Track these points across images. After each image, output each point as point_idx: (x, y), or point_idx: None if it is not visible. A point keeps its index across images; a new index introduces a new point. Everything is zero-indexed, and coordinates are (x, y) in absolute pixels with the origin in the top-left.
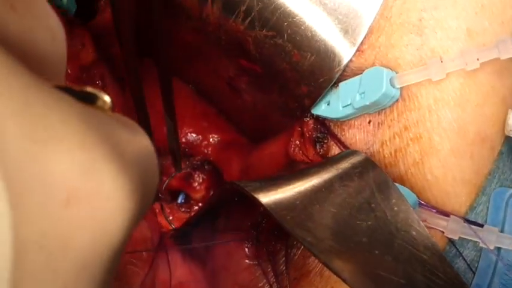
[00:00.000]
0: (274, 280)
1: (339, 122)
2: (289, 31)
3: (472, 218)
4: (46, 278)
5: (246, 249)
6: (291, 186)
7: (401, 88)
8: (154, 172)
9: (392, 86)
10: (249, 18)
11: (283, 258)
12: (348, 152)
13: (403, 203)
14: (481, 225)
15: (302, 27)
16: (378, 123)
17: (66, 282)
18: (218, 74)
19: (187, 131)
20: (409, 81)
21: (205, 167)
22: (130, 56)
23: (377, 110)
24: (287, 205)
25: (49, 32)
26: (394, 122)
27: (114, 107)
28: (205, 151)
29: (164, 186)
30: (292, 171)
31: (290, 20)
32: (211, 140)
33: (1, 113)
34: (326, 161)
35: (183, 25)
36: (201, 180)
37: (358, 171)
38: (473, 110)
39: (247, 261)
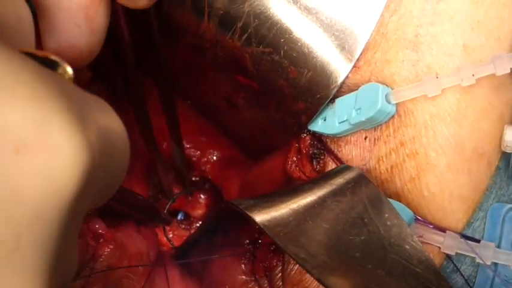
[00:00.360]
0: None
1: (336, 138)
2: (285, 47)
3: (469, 233)
4: None
5: (243, 265)
6: (284, 203)
7: (397, 104)
8: (123, 148)
9: (388, 102)
10: (246, 35)
11: (280, 274)
12: (341, 167)
13: (396, 217)
14: (478, 241)
15: (299, 44)
16: (374, 139)
17: (19, 231)
18: (215, 90)
19: (186, 147)
20: (405, 97)
21: (205, 185)
22: (131, 70)
23: (373, 126)
24: (280, 222)
25: (14, 14)
26: (390, 138)
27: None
28: (204, 168)
29: (166, 208)
30: (287, 188)
31: (287, 36)
32: (210, 156)
33: None
34: (319, 177)
35: (179, 41)
36: (201, 199)
37: (350, 186)
38: (470, 125)
39: (243, 277)
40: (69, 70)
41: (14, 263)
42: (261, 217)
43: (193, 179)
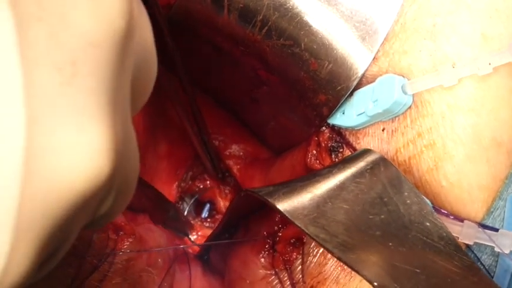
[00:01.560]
0: None
1: (354, 130)
2: (306, 40)
3: (489, 223)
4: (52, 48)
5: (262, 259)
6: (303, 187)
7: (414, 95)
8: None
9: (405, 93)
10: (266, 28)
11: (300, 267)
12: (360, 151)
13: (415, 195)
14: (497, 230)
15: (319, 36)
16: (392, 131)
17: (74, 55)
18: (237, 85)
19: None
20: (421, 87)
21: (230, 182)
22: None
23: (390, 117)
24: (300, 205)
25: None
26: (407, 129)
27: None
28: (228, 163)
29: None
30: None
31: (307, 28)
32: (233, 151)
33: None
34: (339, 162)
35: (199, 36)
36: (227, 191)
37: (369, 167)
38: (488, 114)
39: (263, 270)
40: None
41: (73, 88)
42: (280, 201)
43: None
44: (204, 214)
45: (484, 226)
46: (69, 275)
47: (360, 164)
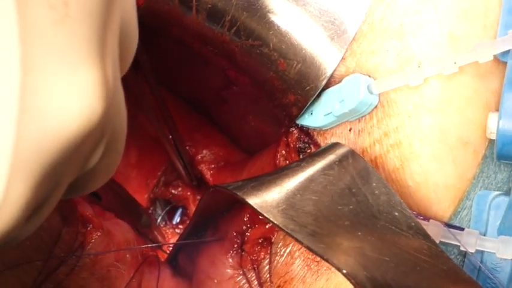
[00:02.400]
0: None
1: (322, 130)
2: (274, 40)
3: (456, 222)
4: None
5: (230, 259)
6: (271, 181)
7: (380, 95)
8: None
9: (370, 92)
10: (234, 28)
11: (267, 267)
12: (328, 145)
13: (384, 186)
14: (462, 229)
15: (287, 36)
16: (359, 131)
17: None
18: (207, 85)
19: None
20: (387, 87)
21: (203, 187)
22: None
23: (357, 117)
24: (268, 197)
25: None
26: (374, 129)
27: None
28: (200, 168)
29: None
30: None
31: (275, 28)
32: (204, 156)
33: None
34: (307, 155)
35: (168, 37)
36: (198, 197)
37: (338, 160)
38: (455, 114)
39: (231, 270)
40: None
41: (65, 27)
42: (249, 195)
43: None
44: (176, 220)
45: (450, 226)
46: (36, 268)
47: (329, 157)
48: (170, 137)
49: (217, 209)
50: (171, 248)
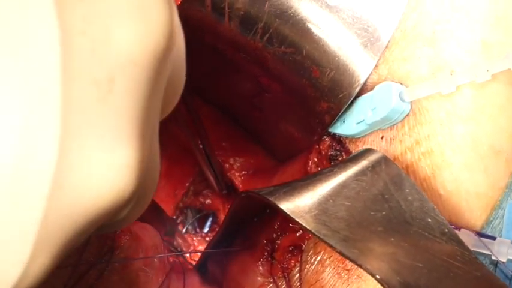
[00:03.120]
0: None
1: (354, 138)
2: (307, 47)
3: (488, 232)
4: (93, 63)
5: (261, 267)
6: (304, 186)
7: (412, 102)
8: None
9: (402, 100)
10: (267, 35)
11: (297, 275)
12: (361, 150)
13: (417, 192)
14: (494, 238)
15: (321, 43)
16: (390, 139)
17: (113, 73)
18: (240, 94)
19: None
20: (419, 95)
21: (233, 195)
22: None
23: (389, 125)
24: (300, 203)
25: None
26: (405, 137)
27: None
28: (229, 175)
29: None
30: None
31: (308, 36)
32: (235, 163)
33: None
34: (340, 161)
35: (200, 44)
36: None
37: (370, 166)
38: (487, 122)
39: (261, 278)
40: None
41: (108, 105)
42: (281, 200)
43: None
44: (206, 229)
45: (481, 234)
46: (66, 272)
47: (362, 163)
48: (201, 145)
49: (247, 216)
50: (199, 255)
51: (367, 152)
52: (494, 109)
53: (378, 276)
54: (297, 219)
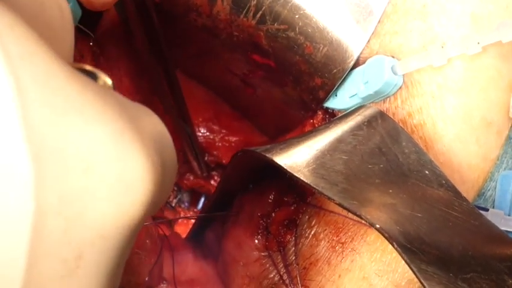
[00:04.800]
0: (284, 270)
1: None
2: (300, 23)
3: (480, 203)
4: (63, 242)
5: (256, 241)
6: (300, 142)
7: (404, 75)
8: (171, 153)
9: (395, 73)
10: (260, 13)
11: (293, 249)
12: (356, 107)
13: (413, 145)
14: (487, 210)
15: (313, 19)
16: (383, 111)
17: (81, 251)
18: (231, 71)
19: (200, 131)
20: (411, 68)
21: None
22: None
23: (382, 98)
24: (298, 158)
25: (58, 7)
26: (398, 109)
27: (114, 87)
28: (217, 153)
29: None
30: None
31: (301, 12)
32: (224, 141)
33: (24, 80)
34: (334, 118)
35: (193, 23)
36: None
37: (366, 120)
38: (478, 95)
39: (257, 252)
40: (108, 80)
41: (74, 281)
42: (278, 156)
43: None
44: (199, 205)
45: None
46: None
47: (357, 118)
48: (182, 124)
49: (241, 183)
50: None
51: (361, 108)
52: (484, 82)
53: (377, 226)
54: (295, 174)
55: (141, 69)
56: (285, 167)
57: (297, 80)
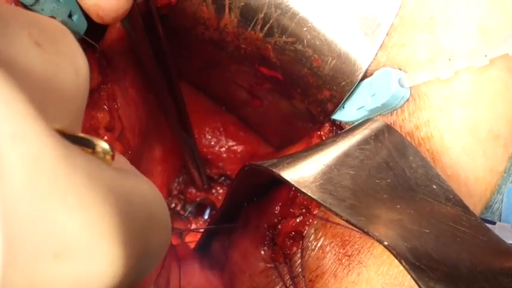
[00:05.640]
0: (290, 282)
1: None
2: (308, 36)
3: (488, 216)
4: None
5: (263, 252)
6: (307, 156)
7: (411, 88)
8: (163, 220)
9: (402, 86)
10: (268, 26)
11: (299, 261)
12: (362, 120)
13: (420, 159)
14: (494, 223)
15: (321, 32)
16: (390, 124)
17: None
18: (238, 83)
19: (205, 142)
20: (418, 80)
21: (225, 182)
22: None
23: (389, 111)
24: (305, 173)
25: (73, 68)
26: (405, 122)
27: (113, 153)
28: (222, 165)
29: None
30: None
31: (309, 25)
32: (231, 151)
33: (11, 161)
34: (341, 132)
35: (200, 36)
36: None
37: (373, 134)
38: (485, 107)
39: (263, 264)
40: (106, 147)
41: None
42: (285, 171)
43: (215, 178)
44: (206, 216)
45: (481, 220)
46: None
47: (364, 132)
48: (185, 136)
49: (247, 195)
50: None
51: (368, 121)
52: (492, 94)
53: (385, 243)
54: (303, 190)
55: (147, 81)
56: (292, 182)
57: (305, 92)
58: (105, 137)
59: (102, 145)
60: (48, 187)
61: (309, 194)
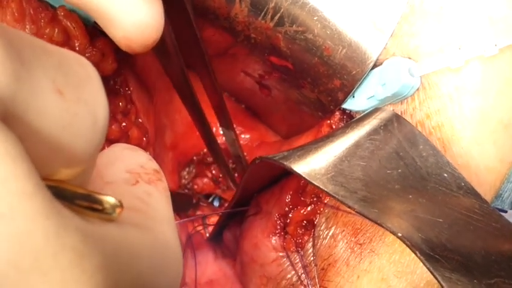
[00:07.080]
0: (302, 271)
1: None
2: (319, 25)
3: (498, 205)
4: None
5: (274, 241)
6: (317, 148)
7: (421, 77)
8: (172, 271)
9: (412, 75)
10: (278, 15)
11: (311, 249)
12: (371, 110)
13: (431, 148)
14: (505, 211)
15: (332, 21)
16: (401, 112)
17: None
18: (247, 72)
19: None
20: (428, 70)
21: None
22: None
23: (400, 100)
24: (316, 165)
25: (92, 118)
26: (416, 111)
27: (121, 204)
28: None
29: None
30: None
31: (319, 14)
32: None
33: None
34: (351, 121)
35: (210, 26)
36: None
37: (383, 124)
38: (495, 97)
39: (275, 253)
40: (116, 202)
41: None
42: (296, 163)
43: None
44: (216, 203)
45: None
46: None
47: (373, 122)
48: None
49: (259, 185)
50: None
51: (377, 111)
52: (502, 83)
53: (399, 234)
54: (314, 182)
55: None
56: (304, 175)
57: (315, 81)
58: (123, 123)
59: (109, 200)
60: (30, 264)
61: (320, 186)
